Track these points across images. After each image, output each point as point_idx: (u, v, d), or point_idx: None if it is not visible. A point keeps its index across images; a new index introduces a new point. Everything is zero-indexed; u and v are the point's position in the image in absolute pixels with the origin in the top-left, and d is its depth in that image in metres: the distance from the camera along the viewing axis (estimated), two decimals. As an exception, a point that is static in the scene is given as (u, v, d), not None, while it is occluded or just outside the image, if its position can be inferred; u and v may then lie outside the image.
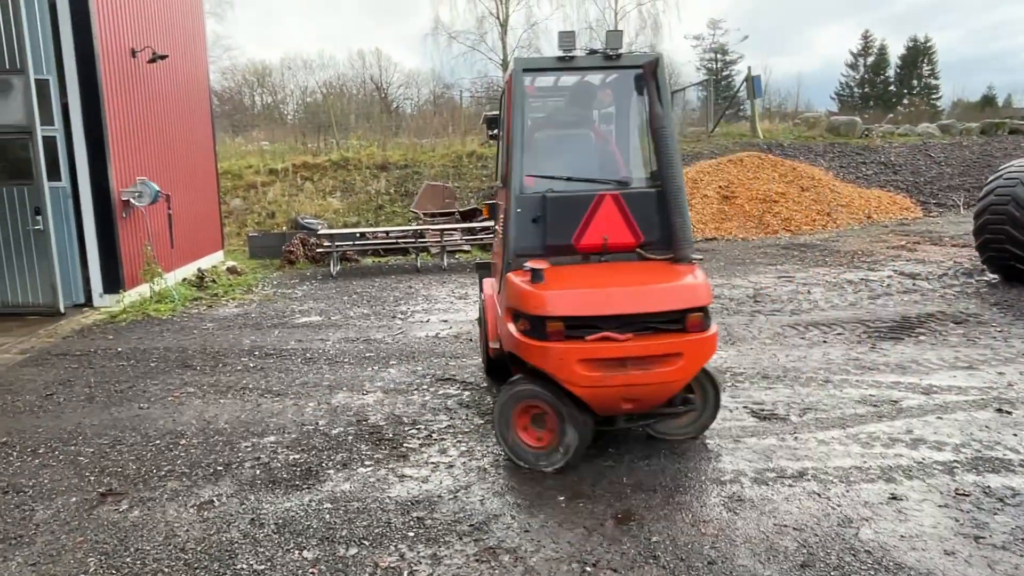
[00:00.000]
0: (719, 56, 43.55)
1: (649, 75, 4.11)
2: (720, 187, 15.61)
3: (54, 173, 8.43)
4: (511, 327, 3.77)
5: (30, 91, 7.97)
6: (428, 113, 31.11)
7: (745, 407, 4.74)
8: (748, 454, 3.97)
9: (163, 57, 9.99)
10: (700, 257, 4.05)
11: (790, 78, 69.35)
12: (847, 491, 3.51)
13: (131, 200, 9.04)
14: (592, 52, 4.23)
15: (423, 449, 4.20)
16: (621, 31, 4.40)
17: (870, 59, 46.18)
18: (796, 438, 4.18)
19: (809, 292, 8.58)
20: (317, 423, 4.69)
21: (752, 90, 20.02)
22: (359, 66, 40.85)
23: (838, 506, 3.37)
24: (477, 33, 33.24)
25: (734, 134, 20.46)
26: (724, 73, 43.04)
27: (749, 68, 20.30)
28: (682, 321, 3.56)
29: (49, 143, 8.36)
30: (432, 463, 4.00)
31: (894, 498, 3.43)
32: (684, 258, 3.94)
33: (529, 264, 3.75)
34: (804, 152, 17.85)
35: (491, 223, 6.49)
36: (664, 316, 3.55)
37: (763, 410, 4.67)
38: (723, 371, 5.55)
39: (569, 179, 4.14)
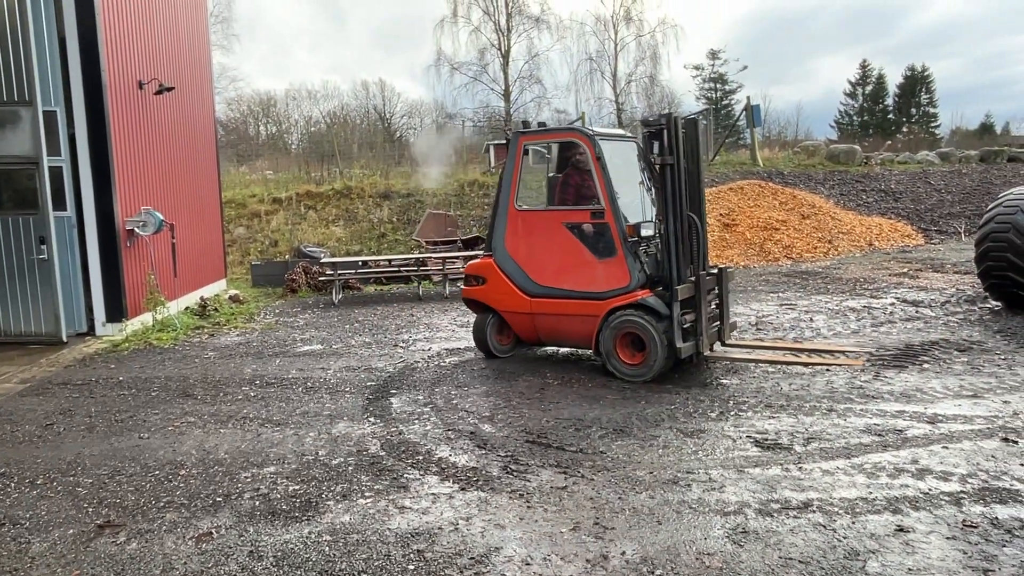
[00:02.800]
0: (718, 85, 44.04)
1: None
2: (721, 215, 15.66)
3: (59, 203, 8.51)
4: None
5: (38, 122, 8.09)
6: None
7: (748, 436, 4.70)
8: (752, 484, 3.93)
9: (169, 89, 10.13)
10: None
11: (789, 107, 70.27)
12: (853, 523, 3.47)
13: (135, 229, 9.10)
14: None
15: (424, 480, 4.17)
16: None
17: (868, 88, 46.64)
18: (801, 468, 4.14)
19: (811, 319, 8.56)
20: (317, 453, 4.66)
21: (752, 119, 20.19)
22: (363, 96, 41.34)
23: (844, 538, 3.32)
24: (479, 64, 33.67)
25: (734, 162, 20.59)
26: (724, 102, 43.47)
27: (748, 97, 20.52)
28: None
29: (55, 173, 8.45)
30: (432, 494, 3.96)
31: (901, 530, 3.38)
32: None
33: None
34: (804, 180, 17.94)
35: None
36: None
37: (767, 439, 4.63)
38: (725, 399, 5.52)
39: None
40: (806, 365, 6.40)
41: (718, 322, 6.62)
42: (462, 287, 7.39)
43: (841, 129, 44.91)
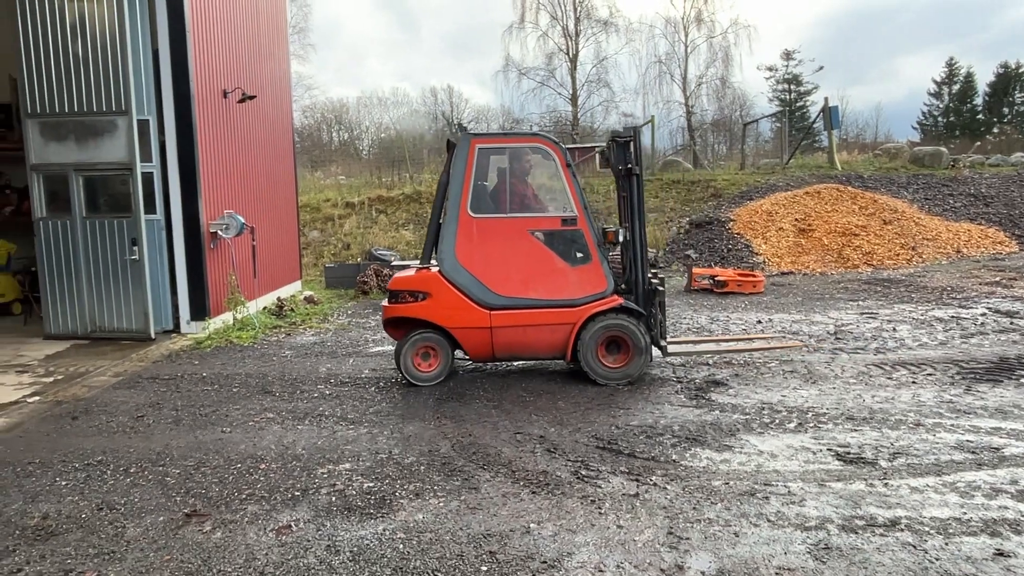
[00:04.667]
0: (793, 87, 42.71)
1: None
2: (796, 220, 15.20)
3: (150, 206, 8.96)
4: None
5: (132, 131, 8.55)
6: (497, 148, 31.64)
7: (829, 449, 4.53)
8: (834, 499, 3.78)
9: (252, 97, 10.55)
10: None
11: (869, 108, 67.41)
12: (946, 544, 3.29)
13: (219, 232, 9.51)
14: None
15: (494, 481, 4.18)
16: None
17: (955, 87, 44.33)
18: (886, 484, 3.96)
19: (895, 329, 8.19)
20: (391, 451, 4.74)
21: (829, 121, 19.49)
22: (431, 103, 42.09)
23: (936, 559, 3.15)
24: (547, 69, 33.78)
25: (810, 166, 19.95)
26: (798, 104, 42.14)
27: (826, 99, 19.82)
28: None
29: (147, 178, 8.91)
30: (503, 495, 3.97)
31: (1000, 554, 3.18)
32: None
33: None
34: (885, 184, 17.20)
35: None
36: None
37: (849, 453, 4.45)
38: (804, 411, 5.34)
39: None
40: (748, 352, 7.17)
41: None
42: (384, 305, 6.60)
43: (924, 131, 42.85)
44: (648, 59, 33.45)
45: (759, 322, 9.02)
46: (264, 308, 10.74)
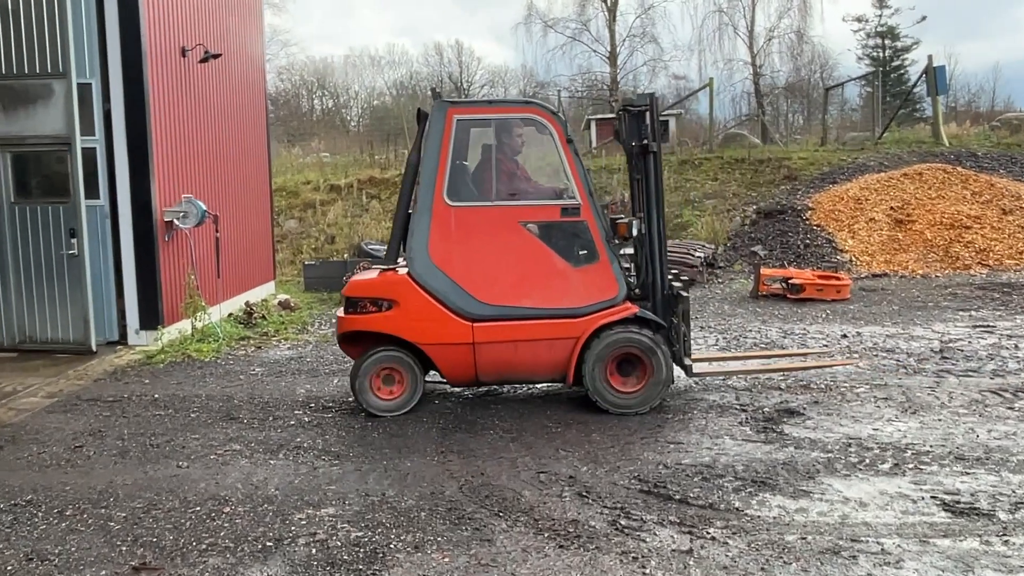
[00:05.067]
0: (887, 42, 42.32)
1: None
2: (892, 208, 15.08)
3: (92, 190, 9.09)
4: None
5: (71, 97, 8.66)
6: (517, 117, 31.79)
7: (933, 497, 4.49)
8: (940, 560, 3.75)
9: (216, 56, 10.68)
10: None
11: (984, 69, 66.62)
12: (1083, 618, 3.24)
13: (175, 221, 9.63)
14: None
15: (511, 532, 4.19)
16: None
17: (1095, 42, 43.72)
18: (1006, 542, 3.91)
19: (1017, 347, 8.10)
20: (384, 493, 4.77)
21: (934, 85, 19.31)
22: (435, 63, 42.34)
23: (1070, 638, 3.10)
24: (579, 21, 33.87)
25: (909, 140, 19.78)
26: (894, 64, 41.74)
27: (930, 57, 19.64)
28: None
29: (88, 155, 9.04)
30: (524, 548, 3.97)
31: None
32: None
33: None
34: (1006, 164, 17.00)
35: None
36: None
37: (958, 503, 4.40)
38: (902, 448, 5.29)
39: None
40: (788, 371, 7.26)
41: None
42: (339, 316, 6.59)
43: (1056, 97, 42.29)
44: (705, 8, 33.53)
45: (844, 336, 8.96)
46: (229, 315, 10.85)
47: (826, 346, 8.49)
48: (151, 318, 9.45)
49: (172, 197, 9.75)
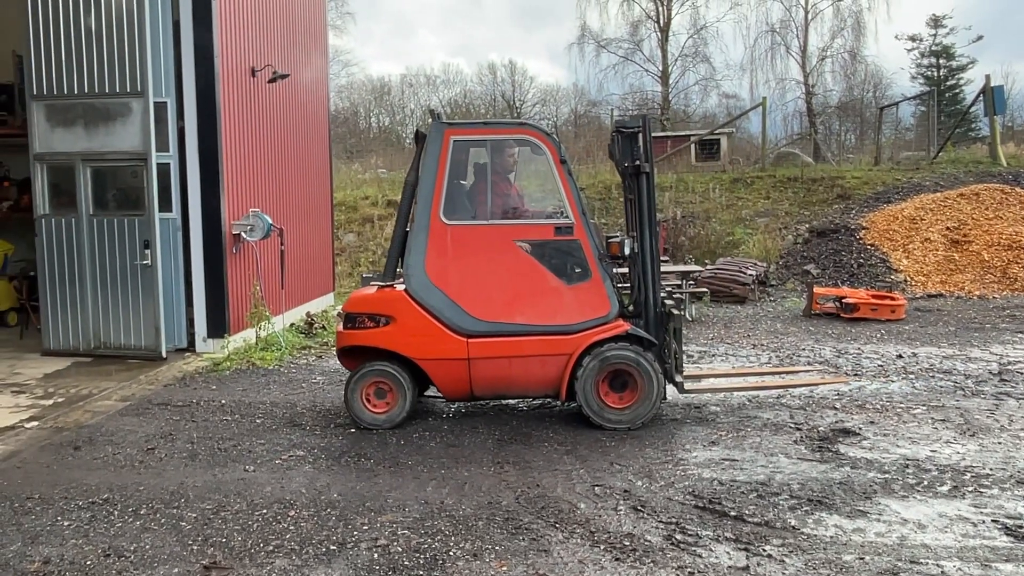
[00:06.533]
0: (942, 61, 41.42)
1: None
2: (948, 228, 14.75)
3: (165, 203, 9.35)
4: None
5: (148, 115, 8.95)
6: (568, 135, 31.86)
7: (994, 521, 4.37)
8: (1003, 585, 3.64)
9: (284, 76, 10.93)
10: None
11: (1042, 89, 64.60)
12: None
13: (242, 234, 9.86)
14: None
15: (567, 543, 4.19)
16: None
17: None
18: (1072, 569, 3.79)
19: (1080, 371, 7.84)
20: (442, 501, 4.81)
21: (992, 105, 18.88)
22: (489, 82, 42.65)
23: None
24: (631, 41, 33.84)
25: (966, 160, 19.32)
26: (950, 83, 40.82)
27: (988, 76, 19.22)
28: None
29: (162, 170, 9.31)
30: (581, 560, 3.97)
31: None
32: None
33: None
34: (1066, 184, 16.48)
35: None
36: None
37: (1021, 527, 4.28)
38: (961, 471, 5.16)
39: None
40: (779, 388, 7.32)
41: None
42: (338, 331, 6.71)
43: (1118, 117, 40.82)
44: (758, 27, 33.01)
45: (899, 356, 8.76)
46: (291, 325, 11.04)
47: (821, 364, 8.55)
48: (218, 327, 9.68)
49: (240, 211, 9.99)
